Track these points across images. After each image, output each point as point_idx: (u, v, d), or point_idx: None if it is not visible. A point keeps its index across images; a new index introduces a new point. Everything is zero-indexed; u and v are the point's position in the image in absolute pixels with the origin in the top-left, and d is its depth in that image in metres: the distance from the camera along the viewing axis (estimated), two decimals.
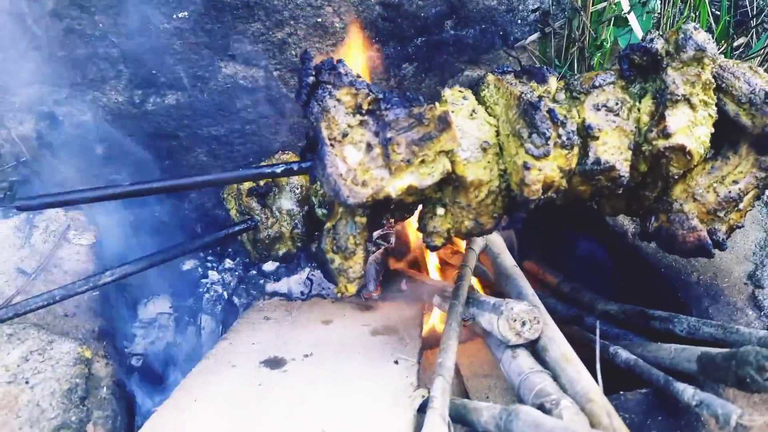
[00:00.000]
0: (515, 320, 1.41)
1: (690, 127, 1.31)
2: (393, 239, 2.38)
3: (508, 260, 1.76)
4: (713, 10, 2.36)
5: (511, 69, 1.47)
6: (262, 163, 1.69)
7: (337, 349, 1.66)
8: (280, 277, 2.22)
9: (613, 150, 1.32)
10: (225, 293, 2.15)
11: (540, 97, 1.32)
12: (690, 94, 1.31)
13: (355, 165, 1.22)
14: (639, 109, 1.35)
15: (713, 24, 2.33)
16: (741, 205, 1.42)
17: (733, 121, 1.35)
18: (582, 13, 2.15)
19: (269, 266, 2.23)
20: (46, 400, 1.28)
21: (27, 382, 1.30)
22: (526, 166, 1.27)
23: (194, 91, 1.98)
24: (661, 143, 1.31)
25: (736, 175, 1.39)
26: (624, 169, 1.33)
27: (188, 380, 1.49)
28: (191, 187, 1.45)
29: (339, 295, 1.47)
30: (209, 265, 2.23)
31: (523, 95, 1.32)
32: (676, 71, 1.31)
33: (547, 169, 1.29)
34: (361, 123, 1.28)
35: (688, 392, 1.22)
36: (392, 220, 2.35)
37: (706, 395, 1.18)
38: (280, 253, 1.62)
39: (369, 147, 1.25)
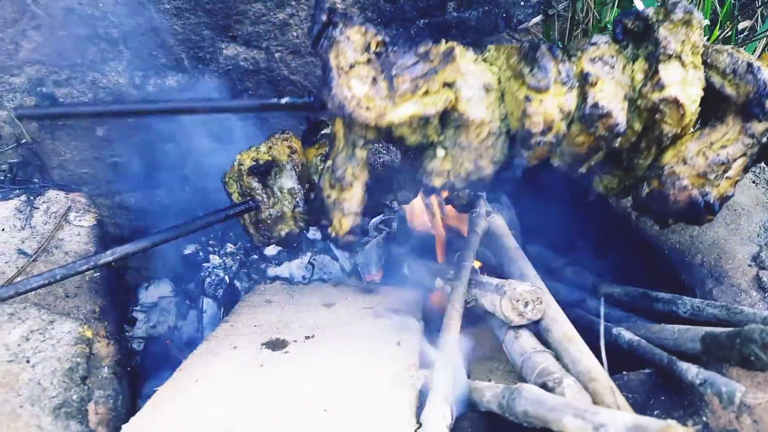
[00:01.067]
0: (518, 300, 1.40)
1: (682, 83, 1.36)
2: (395, 224, 2.38)
3: (510, 242, 1.75)
4: None
5: None
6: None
7: (338, 331, 1.66)
8: (281, 262, 2.21)
9: (609, 97, 1.37)
10: (226, 277, 2.15)
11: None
12: (681, 52, 1.37)
13: (361, 95, 1.24)
14: (633, 69, 1.40)
15: (718, 7, 2.31)
16: (731, 173, 1.46)
17: (719, 93, 1.42)
18: None
19: (270, 251, 2.22)
20: (47, 378, 1.27)
21: (28, 361, 1.29)
22: (527, 99, 1.31)
23: (195, 72, 1.97)
24: (656, 95, 1.35)
25: (724, 142, 1.43)
26: (620, 116, 1.36)
27: (189, 361, 1.49)
28: (197, 111, 1.44)
29: (333, 233, 1.45)
30: (210, 249, 2.23)
31: (523, 44, 1.37)
32: (667, 30, 1.37)
33: (548, 105, 1.32)
34: (369, 61, 1.29)
35: (692, 371, 1.21)
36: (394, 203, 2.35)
37: (710, 374, 1.18)
38: (283, 233, 1.61)
39: (374, 81, 1.27)
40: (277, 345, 1.58)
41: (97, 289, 1.59)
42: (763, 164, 1.85)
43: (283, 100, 1.39)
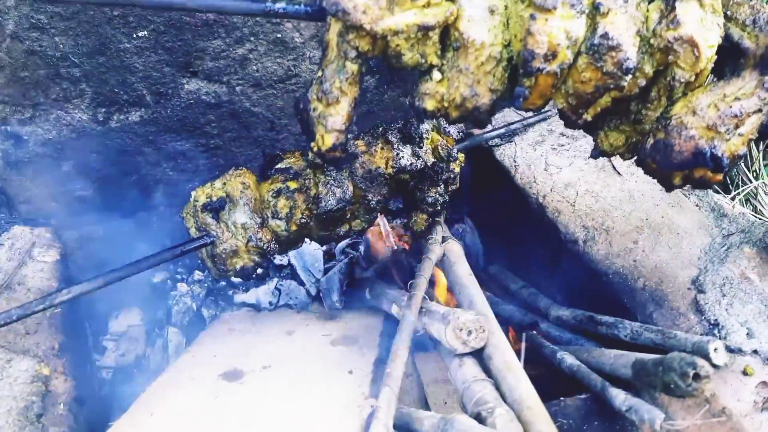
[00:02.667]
0: (461, 329, 1.45)
1: (700, 24, 1.29)
2: (362, 248, 2.43)
3: (462, 269, 1.81)
4: None
5: None
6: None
7: (296, 359, 1.70)
8: (248, 288, 2.26)
9: (621, 30, 1.28)
10: (194, 305, 2.19)
11: None
12: None
13: (360, 2, 1.20)
14: (648, 9, 1.32)
15: None
16: (743, 129, 1.37)
17: (738, 47, 1.36)
18: None
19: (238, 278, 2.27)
20: (2, 417, 1.32)
21: None
22: (532, 17, 1.24)
23: (157, 107, 2.02)
24: (671, 33, 1.28)
25: (738, 95, 1.35)
26: (631, 51, 1.29)
27: (146, 394, 1.53)
28: (189, 9, 1.34)
29: (315, 148, 1.42)
30: (179, 277, 2.27)
31: None
32: None
33: (553, 26, 1.25)
34: None
35: (619, 398, 1.27)
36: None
37: (636, 401, 1.23)
38: (238, 267, 1.66)
39: None
40: (234, 375, 1.62)
41: (57, 325, 1.63)
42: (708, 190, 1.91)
43: (278, 6, 1.30)
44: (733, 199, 2.42)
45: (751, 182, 2.44)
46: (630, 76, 1.30)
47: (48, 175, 2.00)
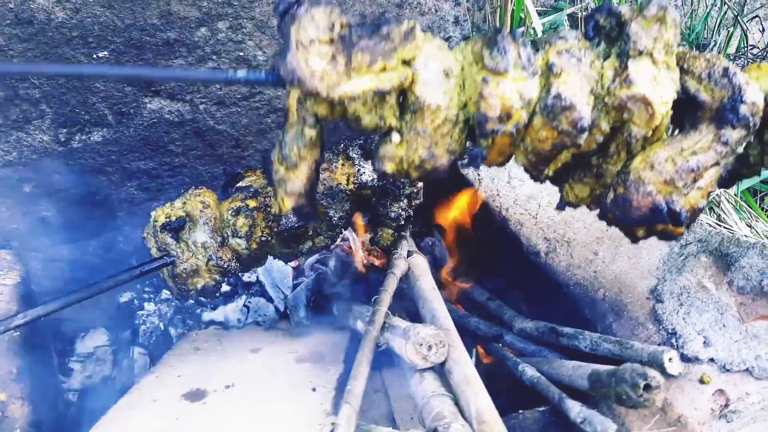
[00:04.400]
0: (421, 345, 1.46)
1: (652, 82, 1.30)
2: (332, 263, 2.43)
3: (426, 283, 1.82)
4: None
5: None
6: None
7: (260, 378, 1.70)
8: (216, 306, 2.25)
9: (574, 90, 1.30)
10: (161, 324, 2.18)
11: None
12: (653, 49, 1.31)
13: (318, 69, 1.22)
14: (603, 66, 1.34)
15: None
16: (702, 182, 1.38)
17: (694, 99, 1.36)
18: None
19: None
20: None
21: None
22: (484, 80, 1.26)
23: (120, 127, 2.01)
24: (624, 92, 1.30)
25: (696, 149, 1.36)
26: (585, 110, 1.30)
27: (107, 417, 1.52)
28: (155, 79, 1.37)
29: (276, 211, 1.46)
30: (146, 296, 2.26)
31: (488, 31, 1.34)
32: (639, 26, 1.32)
33: (506, 89, 1.27)
34: (331, 40, 1.27)
35: (575, 409, 1.28)
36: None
37: (590, 412, 1.24)
38: (199, 286, 1.65)
39: (334, 58, 1.25)
40: (196, 396, 1.61)
41: (16, 350, 1.61)
42: None
43: (239, 74, 1.31)
44: None
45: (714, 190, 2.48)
46: (586, 134, 1.31)
47: (9, 197, 1.98)
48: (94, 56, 1.87)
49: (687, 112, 1.32)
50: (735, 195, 2.56)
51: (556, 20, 2.25)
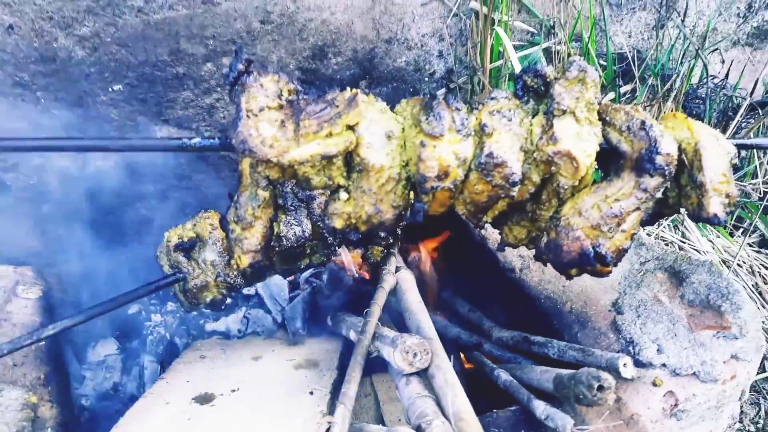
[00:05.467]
0: (408, 352, 1.64)
1: (576, 138, 1.42)
2: (325, 278, 2.61)
3: (412, 297, 2.00)
4: (600, 62, 2.67)
5: None
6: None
7: (261, 383, 1.88)
8: (218, 317, 2.42)
9: (505, 148, 1.41)
10: (167, 334, 2.35)
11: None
12: (575, 108, 1.43)
13: (268, 137, 1.31)
14: (531, 123, 1.46)
15: (601, 74, 2.64)
16: (625, 226, 1.50)
17: (616, 149, 1.49)
18: (480, 71, 2.43)
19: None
20: None
21: None
22: (422, 144, 1.37)
23: (132, 153, 2.19)
24: (550, 148, 1.41)
25: (618, 195, 1.48)
26: (516, 166, 1.41)
27: (125, 419, 1.69)
28: (111, 149, 1.50)
29: (235, 266, 1.56)
30: (153, 308, 2.43)
31: (425, 95, 1.48)
32: (562, 87, 1.44)
33: (443, 151, 1.37)
34: (280, 107, 1.36)
35: (540, 408, 1.47)
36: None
37: (553, 410, 1.44)
38: (208, 299, 1.83)
39: (282, 124, 1.34)
40: (205, 399, 1.79)
41: (42, 357, 1.78)
42: None
43: (193, 141, 1.44)
44: (659, 225, 2.66)
45: None
46: (518, 186, 1.44)
47: (29, 217, 2.15)
48: (110, 89, 2.06)
49: (611, 159, 1.48)
50: None
51: (532, 54, 2.46)
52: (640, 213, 1.50)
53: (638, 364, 1.69)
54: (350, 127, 1.38)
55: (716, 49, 2.87)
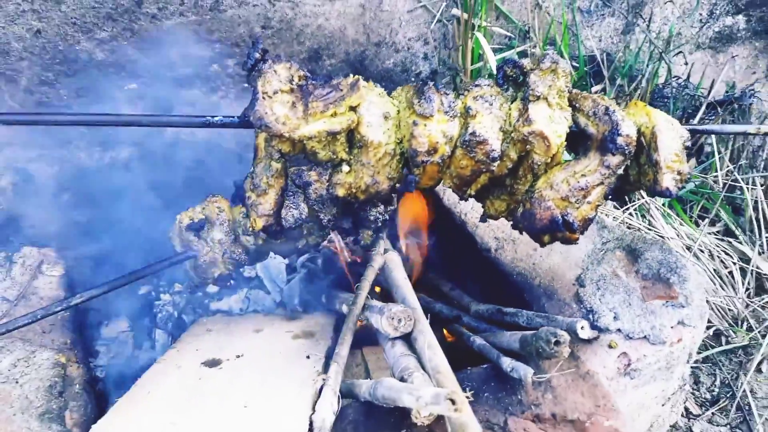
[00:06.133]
0: (393, 318, 1.86)
1: (548, 120, 1.58)
2: (319, 261, 2.84)
3: (399, 274, 2.22)
4: (573, 63, 2.90)
5: None
6: None
7: (263, 350, 2.09)
8: (222, 297, 2.64)
9: (487, 128, 1.57)
10: (175, 312, 2.57)
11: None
12: (548, 94, 1.60)
13: (281, 115, 1.51)
14: (510, 107, 1.64)
15: (572, 71, 2.87)
16: (591, 198, 1.67)
17: (584, 131, 1.67)
18: (462, 71, 2.66)
19: (212, 289, 2.65)
20: (32, 394, 1.68)
21: (17, 382, 1.70)
22: (414, 123, 1.55)
23: (145, 146, 2.42)
24: (525, 129, 1.57)
25: (585, 171, 1.65)
26: (495, 144, 1.58)
27: (142, 379, 1.90)
28: (142, 124, 1.67)
29: (250, 229, 1.78)
30: (161, 289, 2.65)
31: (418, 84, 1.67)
32: (536, 76, 1.62)
33: (433, 130, 1.54)
34: (291, 90, 1.55)
35: (506, 362, 1.70)
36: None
37: (517, 363, 1.66)
38: (216, 275, 2.05)
39: (293, 105, 1.53)
40: (213, 363, 2.01)
41: (67, 326, 2.00)
42: None
43: (215, 118, 1.65)
44: (626, 212, 2.90)
45: (643, 197, 2.94)
46: (497, 162, 1.63)
47: (51, 203, 2.37)
48: (125, 87, 2.28)
49: (579, 141, 1.70)
50: (663, 204, 3.02)
51: (509, 57, 2.69)
52: (604, 187, 1.67)
53: (596, 329, 1.91)
54: (352, 108, 1.58)
55: (680, 52, 3.11)
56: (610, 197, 1.75)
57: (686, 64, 3.14)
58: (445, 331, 2.46)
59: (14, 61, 2.06)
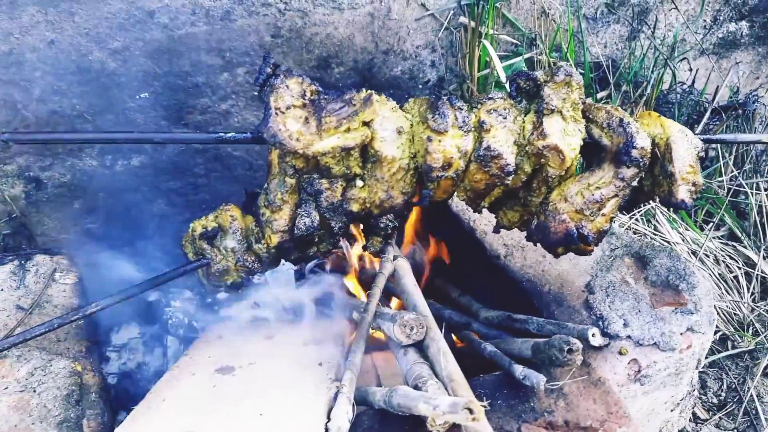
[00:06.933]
0: (405, 326, 1.88)
1: (563, 134, 1.58)
2: (328, 269, 2.85)
3: (409, 281, 2.24)
4: (578, 70, 2.92)
5: None
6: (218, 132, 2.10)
7: (275, 357, 2.11)
8: (232, 304, 2.65)
9: (501, 142, 1.57)
10: (186, 319, 2.58)
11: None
12: (562, 107, 1.60)
13: (294, 131, 1.51)
14: (524, 120, 1.64)
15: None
16: (605, 210, 1.68)
17: (598, 143, 1.68)
18: (469, 79, 2.68)
19: (222, 295, 2.67)
20: (50, 402, 1.70)
21: (35, 390, 1.72)
22: (429, 139, 1.55)
23: (155, 153, 2.43)
24: (540, 143, 1.57)
25: (599, 184, 1.66)
26: (510, 158, 1.57)
27: (157, 386, 1.92)
28: (155, 142, 1.71)
29: (265, 245, 1.78)
30: (172, 296, 2.66)
31: (432, 96, 1.70)
32: (550, 89, 1.62)
33: (447, 144, 1.53)
34: (303, 105, 1.56)
35: (518, 370, 1.72)
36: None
37: (529, 371, 1.68)
38: (229, 282, 2.06)
39: (306, 120, 1.53)
40: (227, 370, 2.02)
41: (82, 334, 2.01)
42: None
43: (228, 135, 1.66)
44: (632, 217, 2.92)
45: (649, 203, 2.96)
46: (512, 176, 1.63)
47: (62, 211, 2.38)
48: (137, 96, 2.29)
49: (593, 152, 1.71)
50: (669, 210, 3.04)
51: (515, 64, 2.71)
52: (618, 199, 1.68)
53: (606, 336, 1.93)
54: (366, 123, 1.59)
55: (684, 58, 3.13)
56: (624, 209, 1.76)
57: (690, 70, 3.17)
58: (454, 337, 2.48)
59: (28, 71, 2.08)
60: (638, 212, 2.95)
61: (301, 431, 1.64)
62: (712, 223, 3.25)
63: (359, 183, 1.71)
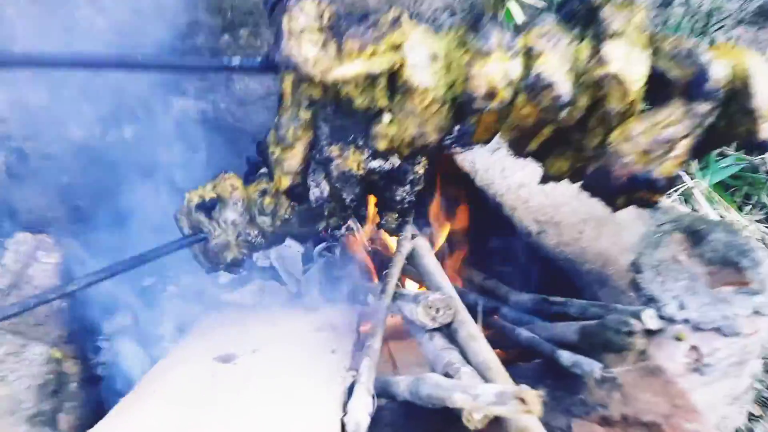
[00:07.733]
0: (431, 307, 1.65)
1: (625, 60, 1.38)
2: (338, 251, 2.62)
3: (431, 260, 2.01)
4: None
5: None
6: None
7: (282, 344, 1.88)
8: (234, 289, 2.43)
9: (553, 69, 1.36)
10: (183, 304, 2.36)
11: None
12: (624, 31, 1.38)
13: (311, 56, 1.31)
14: (579, 47, 1.41)
15: None
16: (676, 152, 1.45)
17: (665, 77, 1.44)
18: None
19: (223, 279, 2.44)
20: (22, 393, 1.47)
21: (4, 379, 1.49)
22: (470, 62, 1.34)
23: (149, 123, 2.21)
24: (599, 71, 1.36)
25: (669, 122, 1.43)
26: (564, 87, 1.37)
27: (148, 375, 1.70)
28: (153, 68, 1.53)
29: (273, 189, 1.58)
30: (168, 280, 2.44)
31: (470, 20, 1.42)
32: (610, 10, 1.39)
33: (491, 69, 1.33)
34: (321, 29, 1.36)
35: (565, 356, 1.48)
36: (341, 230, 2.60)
37: (579, 357, 1.45)
38: (228, 259, 1.83)
39: (324, 45, 1.33)
40: (227, 358, 1.79)
41: (64, 318, 1.79)
42: None
43: (234, 62, 1.44)
44: (670, 197, 2.67)
45: (685, 183, 2.72)
46: (566, 110, 1.40)
47: (49, 187, 2.16)
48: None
49: (659, 88, 1.43)
50: (708, 188, 2.79)
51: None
52: (691, 139, 1.45)
53: (661, 319, 1.70)
54: (394, 47, 1.36)
55: (722, 26, 2.89)
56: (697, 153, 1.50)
57: (728, 40, 2.92)
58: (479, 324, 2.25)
59: None
60: (676, 192, 2.71)
61: (311, 426, 1.42)
62: (749, 205, 3.00)
63: (386, 117, 1.45)
